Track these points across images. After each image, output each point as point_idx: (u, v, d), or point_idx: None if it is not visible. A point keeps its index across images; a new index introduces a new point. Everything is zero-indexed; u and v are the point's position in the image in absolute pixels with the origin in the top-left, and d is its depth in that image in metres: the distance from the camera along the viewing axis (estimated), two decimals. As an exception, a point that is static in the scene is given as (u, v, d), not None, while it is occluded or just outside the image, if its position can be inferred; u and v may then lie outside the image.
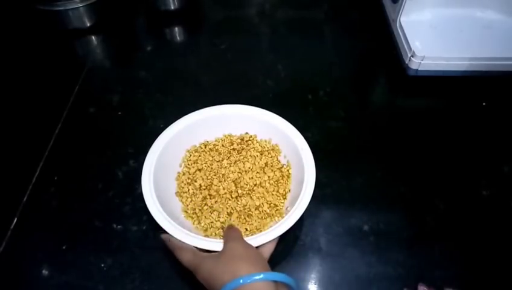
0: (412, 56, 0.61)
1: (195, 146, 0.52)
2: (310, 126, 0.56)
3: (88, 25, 0.71)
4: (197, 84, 0.65)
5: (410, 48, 0.61)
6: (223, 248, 0.39)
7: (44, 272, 0.44)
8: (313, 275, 0.45)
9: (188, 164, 0.51)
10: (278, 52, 0.70)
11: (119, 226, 0.48)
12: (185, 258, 0.40)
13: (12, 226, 0.48)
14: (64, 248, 0.46)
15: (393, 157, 0.55)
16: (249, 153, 0.51)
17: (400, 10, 0.64)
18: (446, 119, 0.59)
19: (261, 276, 0.34)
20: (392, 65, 0.65)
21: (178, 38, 0.75)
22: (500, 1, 0.68)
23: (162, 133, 0.49)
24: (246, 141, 0.52)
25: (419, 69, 0.61)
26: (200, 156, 0.51)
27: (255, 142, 0.52)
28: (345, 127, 0.58)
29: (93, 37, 0.72)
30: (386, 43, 0.68)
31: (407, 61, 0.62)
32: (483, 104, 0.61)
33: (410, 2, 0.64)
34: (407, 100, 0.63)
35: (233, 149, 0.52)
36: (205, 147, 0.52)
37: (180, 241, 0.41)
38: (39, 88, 0.63)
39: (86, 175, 0.53)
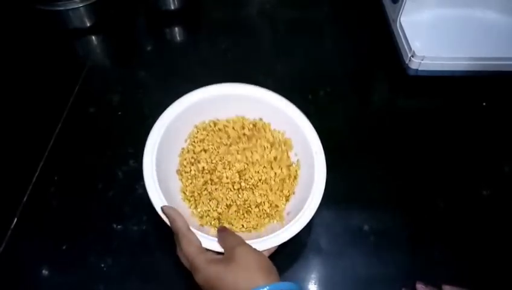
0: (412, 56, 0.61)
1: (205, 122, 0.50)
2: (310, 126, 0.56)
3: (88, 25, 0.71)
4: (197, 84, 0.64)
5: (410, 48, 0.61)
6: (231, 254, 0.37)
7: (44, 272, 0.44)
8: (313, 275, 0.44)
9: (194, 142, 0.49)
10: (278, 52, 0.70)
11: (119, 226, 0.48)
12: (188, 251, 0.37)
13: (12, 226, 0.48)
14: (64, 248, 0.46)
15: (393, 157, 0.55)
16: (259, 142, 0.48)
17: (399, 10, 0.64)
18: (446, 119, 0.59)
19: (266, 288, 0.33)
20: (392, 65, 0.65)
21: (178, 38, 0.75)
22: (500, 1, 0.68)
23: (177, 101, 0.47)
24: (258, 128, 0.50)
25: (420, 69, 0.61)
26: (207, 135, 0.49)
27: (267, 130, 0.50)
28: (345, 126, 0.58)
29: (93, 37, 0.72)
30: (386, 43, 0.68)
31: (407, 61, 0.62)
32: (483, 104, 0.61)
33: (410, 2, 0.64)
34: (407, 100, 0.63)
35: (244, 134, 0.49)
36: (214, 126, 0.50)
37: (187, 226, 0.39)
38: (39, 88, 0.63)
39: (86, 175, 0.52)
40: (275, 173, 0.47)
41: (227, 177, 0.46)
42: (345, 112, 0.60)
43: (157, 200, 0.41)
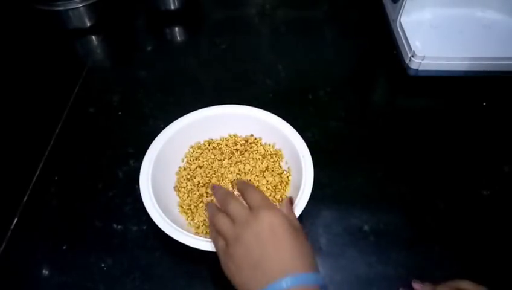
0: (412, 56, 0.61)
1: (199, 143, 0.53)
2: (310, 126, 0.56)
3: (88, 25, 0.71)
4: (197, 84, 0.65)
5: (410, 48, 0.61)
6: (260, 221, 0.33)
7: (44, 272, 0.44)
8: (313, 275, 0.44)
9: (190, 160, 0.51)
10: (278, 52, 0.70)
11: (119, 226, 0.48)
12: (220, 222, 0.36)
13: (12, 226, 0.48)
14: (64, 248, 0.46)
15: (393, 157, 0.55)
16: (251, 155, 0.51)
17: (400, 10, 0.64)
18: (446, 119, 0.59)
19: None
20: (392, 65, 0.65)
21: (178, 38, 0.75)
22: (500, 1, 0.68)
23: (170, 125, 0.50)
24: (250, 143, 0.52)
25: (420, 69, 0.61)
26: (202, 153, 0.51)
27: (258, 144, 0.52)
28: (345, 127, 0.58)
29: (93, 37, 0.72)
30: (386, 43, 0.68)
31: (407, 61, 0.62)
32: (484, 104, 0.61)
33: (410, 2, 0.64)
34: (408, 100, 0.63)
35: (236, 150, 0.52)
36: (209, 145, 0.52)
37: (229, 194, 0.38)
38: (39, 88, 0.63)
39: (86, 175, 0.52)
40: (267, 181, 0.49)
41: None
42: (345, 112, 0.60)
43: (156, 215, 0.42)
